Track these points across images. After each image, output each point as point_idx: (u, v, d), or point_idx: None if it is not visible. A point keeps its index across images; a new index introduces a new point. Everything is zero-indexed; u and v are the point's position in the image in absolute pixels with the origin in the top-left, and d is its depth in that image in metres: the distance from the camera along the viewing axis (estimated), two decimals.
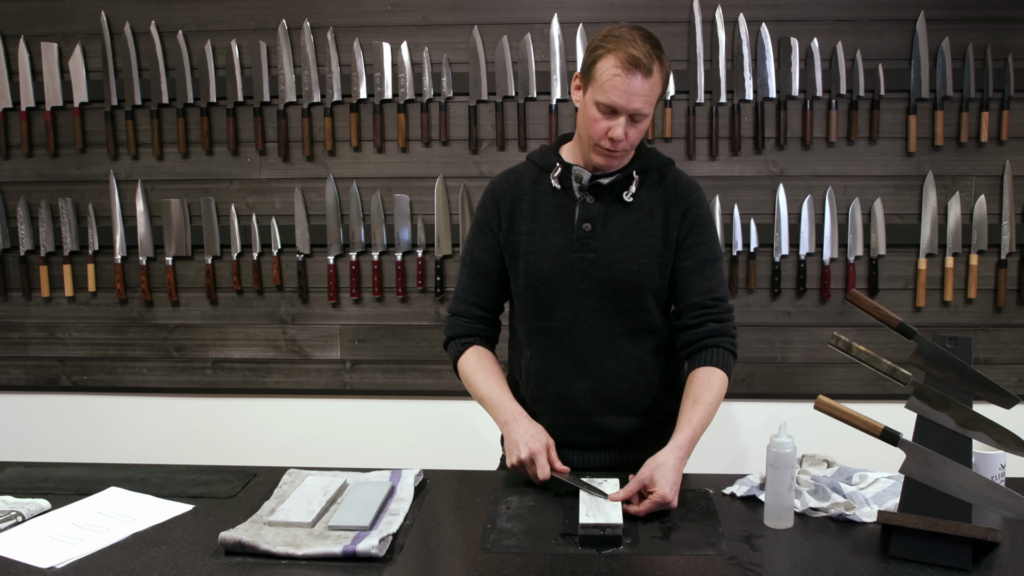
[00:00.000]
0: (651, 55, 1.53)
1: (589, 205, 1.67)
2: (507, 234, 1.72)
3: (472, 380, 1.73)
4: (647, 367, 1.73)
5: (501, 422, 1.66)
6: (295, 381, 2.89)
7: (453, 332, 1.79)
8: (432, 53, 2.73)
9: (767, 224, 2.73)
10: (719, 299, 1.68)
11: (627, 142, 1.58)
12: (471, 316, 1.77)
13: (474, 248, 1.76)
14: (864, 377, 2.75)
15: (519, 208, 1.71)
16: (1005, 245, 2.70)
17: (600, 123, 1.57)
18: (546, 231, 1.68)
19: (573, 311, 1.69)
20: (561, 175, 1.68)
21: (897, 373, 1.41)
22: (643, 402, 1.74)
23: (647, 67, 1.52)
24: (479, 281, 1.76)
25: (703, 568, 1.32)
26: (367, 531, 1.42)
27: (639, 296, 1.68)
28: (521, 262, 1.70)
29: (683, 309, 1.71)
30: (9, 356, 2.94)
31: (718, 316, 1.68)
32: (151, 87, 2.77)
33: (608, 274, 1.66)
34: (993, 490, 1.34)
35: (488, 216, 1.74)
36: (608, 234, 1.66)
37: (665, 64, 1.57)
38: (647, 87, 1.54)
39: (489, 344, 1.80)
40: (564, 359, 1.72)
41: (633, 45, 1.52)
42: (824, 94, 2.68)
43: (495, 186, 1.76)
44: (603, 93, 1.55)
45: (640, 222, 1.67)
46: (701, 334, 1.68)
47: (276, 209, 2.82)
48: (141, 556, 1.38)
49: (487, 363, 1.74)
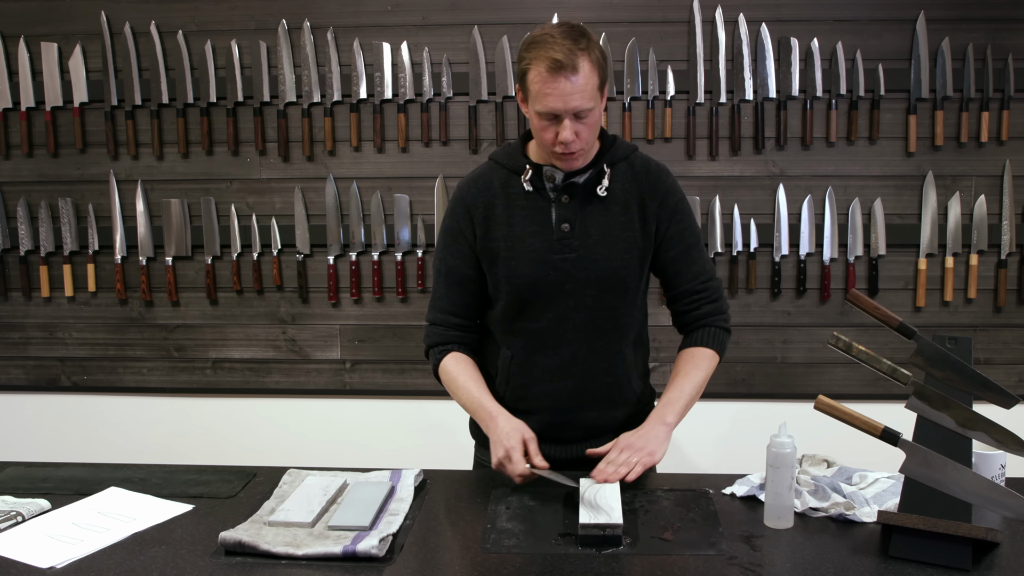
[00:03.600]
0: (572, 51, 1.50)
1: (565, 204, 1.66)
2: (484, 241, 1.70)
3: (453, 386, 1.73)
4: (627, 359, 1.75)
5: (484, 426, 1.67)
6: (295, 381, 2.89)
7: (432, 341, 1.78)
8: (432, 53, 2.73)
9: (767, 224, 2.73)
10: (707, 280, 1.75)
11: (580, 141, 1.57)
12: (448, 324, 1.76)
13: (447, 257, 1.74)
14: (864, 377, 2.75)
15: (492, 213, 1.69)
16: (1005, 245, 2.70)
17: (548, 130, 1.57)
18: (524, 235, 1.67)
19: (558, 312, 1.69)
20: (532, 177, 1.67)
21: (897, 373, 1.41)
22: (625, 394, 1.76)
23: (571, 65, 1.50)
24: (455, 290, 1.74)
25: (703, 568, 1.32)
26: (367, 531, 1.43)
27: (623, 291, 1.69)
28: (502, 268, 1.69)
29: (677, 296, 1.76)
30: (9, 356, 2.94)
31: (711, 297, 1.75)
32: (151, 87, 2.77)
33: (592, 272, 1.66)
34: (993, 490, 1.34)
35: (460, 224, 1.72)
36: (588, 232, 1.66)
37: (593, 52, 1.53)
38: (579, 84, 1.51)
39: (468, 350, 1.78)
40: (549, 359, 1.71)
41: (552, 47, 1.50)
42: (824, 94, 2.68)
43: (464, 193, 1.73)
44: (538, 102, 1.54)
45: (617, 216, 1.67)
46: (697, 316, 1.75)
47: (276, 209, 2.82)
48: (141, 556, 1.38)
49: (465, 368, 1.74)
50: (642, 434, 1.62)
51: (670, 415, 1.64)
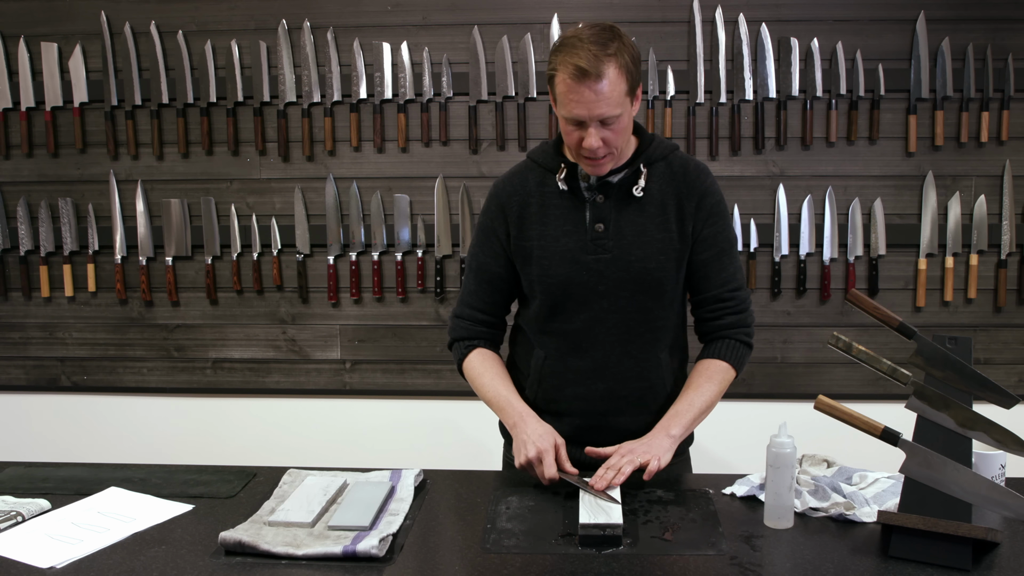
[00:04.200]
0: (597, 58, 1.47)
1: (599, 204, 1.64)
2: (517, 240, 1.69)
3: (479, 382, 1.72)
4: (663, 364, 1.72)
5: (510, 424, 1.65)
6: (295, 381, 2.89)
7: (458, 334, 1.78)
8: (432, 53, 2.73)
9: (767, 224, 2.73)
10: (736, 289, 1.70)
11: (607, 147, 1.54)
12: (476, 320, 1.76)
13: (479, 254, 1.74)
14: (864, 377, 2.75)
15: (527, 212, 1.68)
16: (1005, 245, 2.70)
17: (573, 135, 1.55)
18: (558, 234, 1.66)
19: (591, 314, 1.67)
20: (567, 176, 1.65)
21: (897, 373, 1.41)
22: (658, 400, 1.73)
23: (596, 72, 1.47)
24: (485, 287, 1.74)
25: (703, 568, 1.32)
26: (367, 531, 1.43)
27: (658, 293, 1.66)
28: (535, 268, 1.67)
29: (701, 301, 1.71)
30: (9, 356, 2.94)
31: (736, 308, 1.70)
32: (151, 87, 2.77)
33: (626, 273, 1.64)
34: (993, 490, 1.34)
35: (494, 223, 1.71)
36: (622, 232, 1.64)
37: (622, 57, 1.49)
38: (604, 91, 1.48)
39: (494, 346, 1.79)
40: (582, 361, 1.70)
41: (577, 54, 1.47)
42: (824, 94, 2.68)
43: (499, 191, 1.72)
44: (564, 108, 1.53)
45: (653, 217, 1.64)
46: (718, 326, 1.71)
47: (276, 209, 2.82)
48: (141, 556, 1.38)
49: (492, 364, 1.73)
50: (645, 442, 1.60)
51: (675, 427, 1.61)
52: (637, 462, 1.54)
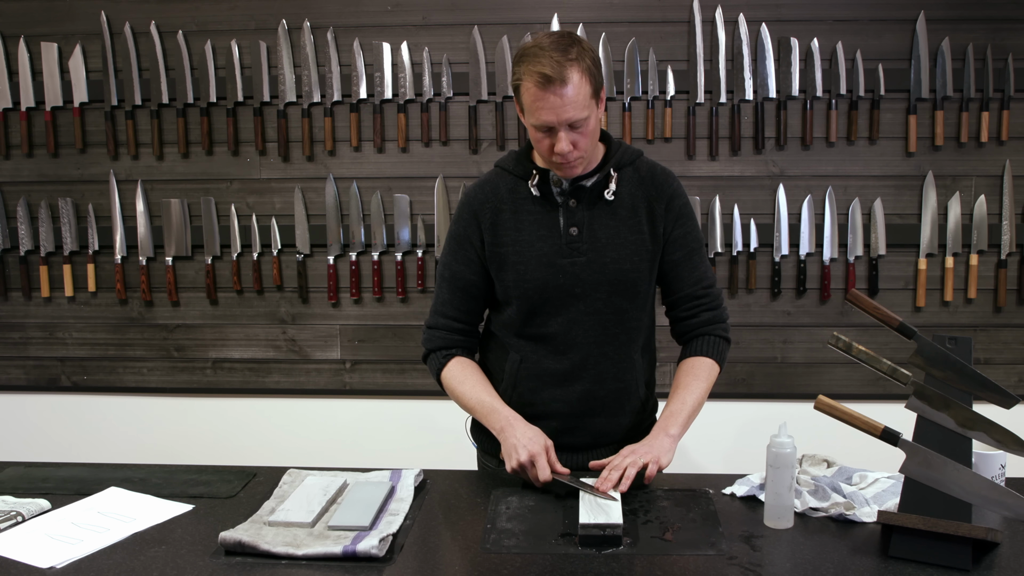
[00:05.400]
0: (560, 64, 1.49)
1: (572, 208, 1.67)
2: (492, 246, 1.70)
3: (459, 390, 1.72)
4: (636, 365, 1.74)
5: (497, 428, 1.65)
6: (295, 381, 2.89)
7: (433, 345, 1.77)
8: (432, 53, 2.73)
9: (767, 224, 2.73)
10: (708, 287, 1.74)
11: (578, 150, 1.57)
12: (451, 329, 1.76)
13: (452, 263, 1.74)
14: (864, 377, 2.75)
15: (500, 219, 1.69)
16: (1005, 245, 2.70)
17: (544, 142, 1.57)
18: (533, 239, 1.67)
19: (568, 317, 1.68)
20: (539, 182, 1.67)
21: (897, 373, 1.41)
22: (632, 400, 1.75)
23: (560, 78, 1.50)
24: (460, 295, 1.74)
25: (703, 568, 1.32)
26: (367, 531, 1.43)
27: (633, 294, 1.69)
28: (510, 273, 1.68)
29: (676, 301, 1.75)
30: (9, 356, 2.94)
31: (711, 304, 1.74)
32: (151, 87, 2.77)
33: (601, 275, 1.66)
34: (993, 490, 1.34)
35: (467, 230, 1.72)
36: (596, 235, 1.66)
37: (584, 61, 1.52)
38: (570, 95, 1.51)
39: (470, 355, 1.79)
40: (559, 364, 1.71)
41: (540, 62, 1.50)
42: (824, 94, 2.68)
43: (471, 199, 1.73)
44: (532, 116, 1.55)
45: (625, 220, 1.67)
46: (696, 324, 1.74)
47: (276, 209, 2.82)
48: (141, 556, 1.38)
49: (472, 372, 1.74)
50: (647, 443, 1.61)
51: (673, 427, 1.62)
52: (640, 463, 1.54)
